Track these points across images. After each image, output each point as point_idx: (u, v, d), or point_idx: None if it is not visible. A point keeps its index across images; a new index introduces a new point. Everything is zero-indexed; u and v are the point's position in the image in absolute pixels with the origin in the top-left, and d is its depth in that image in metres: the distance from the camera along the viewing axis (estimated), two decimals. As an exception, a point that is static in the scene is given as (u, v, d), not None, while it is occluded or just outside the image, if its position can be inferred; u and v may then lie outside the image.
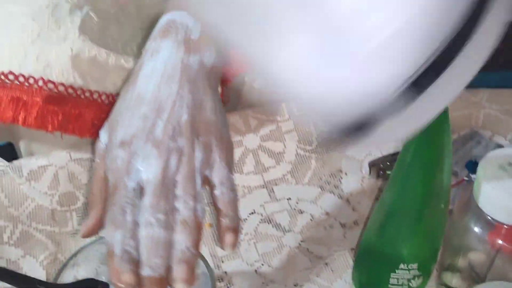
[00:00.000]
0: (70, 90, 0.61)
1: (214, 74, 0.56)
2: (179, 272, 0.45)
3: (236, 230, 0.49)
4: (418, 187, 0.49)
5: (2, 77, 0.59)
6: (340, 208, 0.65)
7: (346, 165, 0.68)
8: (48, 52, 0.60)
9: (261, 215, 0.64)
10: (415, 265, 0.52)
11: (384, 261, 0.54)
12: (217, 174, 0.50)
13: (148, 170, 0.48)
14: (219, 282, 0.59)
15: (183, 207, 0.47)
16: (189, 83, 0.52)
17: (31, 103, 0.59)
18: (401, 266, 0.52)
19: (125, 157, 0.49)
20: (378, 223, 0.54)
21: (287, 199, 0.65)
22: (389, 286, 0.54)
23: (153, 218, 0.46)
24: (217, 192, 0.50)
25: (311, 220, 0.64)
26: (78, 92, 0.61)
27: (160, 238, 0.46)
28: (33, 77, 0.59)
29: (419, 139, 0.47)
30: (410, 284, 0.53)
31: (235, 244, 0.49)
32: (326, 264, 0.60)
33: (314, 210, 0.65)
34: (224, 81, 0.65)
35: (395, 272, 0.53)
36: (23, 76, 0.60)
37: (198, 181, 0.49)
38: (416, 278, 0.53)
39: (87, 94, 0.62)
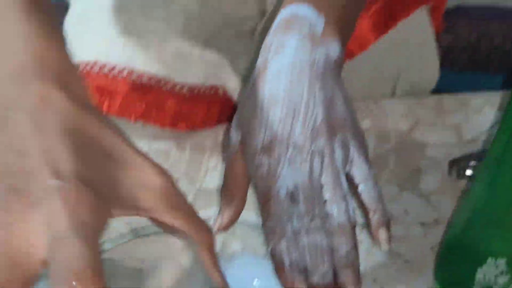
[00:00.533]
0: (153, 81, 0.62)
1: (339, 67, 0.54)
2: (345, 276, 0.46)
3: (388, 224, 0.49)
4: (510, 179, 0.48)
5: (89, 67, 0.61)
6: (420, 207, 0.64)
7: (425, 164, 0.67)
8: (134, 43, 0.61)
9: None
10: (503, 260, 0.51)
11: (470, 256, 0.52)
12: (359, 171, 0.50)
13: (295, 176, 0.48)
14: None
15: (336, 211, 0.48)
16: (318, 79, 0.50)
17: (116, 92, 0.61)
18: (489, 260, 0.51)
19: (270, 164, 0.49)
20: (465, 218, 0.52)
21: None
22: (475, 283, 0.52)
23: (311, 224, 0.47)
24: (362, 189, 0.50)
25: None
26: (161, 83, 0.62)
27: (322, 245, 0.47)
28: (118, 67, 0.61)
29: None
30: (497, 280, 0.52)
31: (390, 239, 0.49)
32: (406, 261, 0.59)
33: (392, 209, 0.63)
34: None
35: (481, 267, 0.51)
36: (109, 65, 0.61)
37: (344, 181, 0.49)
38: (504, 274, 0.51)
39: (170, 85, 0.63)
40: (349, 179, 0.51)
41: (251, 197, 0.57)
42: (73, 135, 0.36)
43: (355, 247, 0.48)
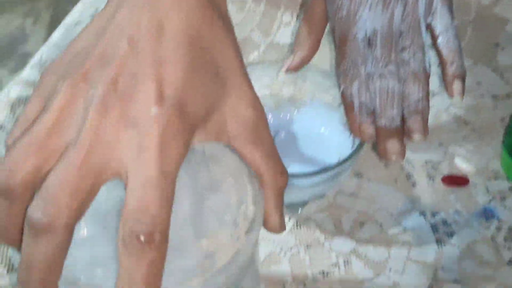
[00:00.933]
0: None
1: None
2: (414, 122, 0.46)
3: (463, 77, 0.49)
4: None
5: None
6: (493, 80, 0.62)
7: (504, 39, 0.65)
8: None
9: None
10: None
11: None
12: (441, 21, 0.49)
13: (375, 20, 0.48)
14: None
15: (412, 59, 0.47)
16: None
17: None
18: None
19: (350, 7, 0.48)
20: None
21: (437, 65, 0.63)
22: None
23: (385, 69, 0.47)
24: (441, 39, 0.49)
25: (461, 88, 0.62)
26: None
27: (393, 90, 0.47)
28: None
29: None
30: None
31: (463, 92, 0.48)
32: (474, 129, 0.59)
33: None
34: None
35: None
36: None
37: (423, 30, 0.48)
38: None
39: None
40: (430, 31, 0.50)
41: (324, 47, 0.56)
42: (191, 43, 0.33)
43: (426, 96, 0.47)
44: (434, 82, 0.61)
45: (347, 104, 0.48)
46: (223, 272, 0.33)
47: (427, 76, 0.48)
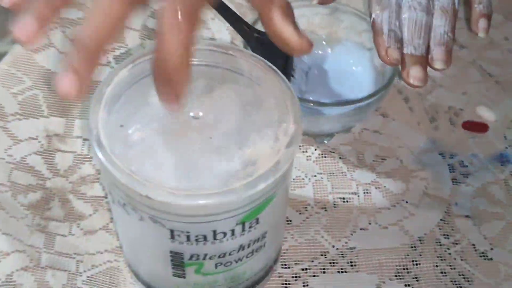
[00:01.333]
0: None
1: None
2: (437, 53, 0.49)
3: (489, 17, 0.51)
4: None
5: None
6: (521, 37, 0.65)
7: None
8: None
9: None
10: None
11: None
12: None
13: None
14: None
15: None
16: None
17: None
18: None
19: None
20: None
21: (465, 21, 0.66)
22: None
23: (415, 2, 0.49)
24: None
25: (489, 43, 0.64)
26: None
27: (421, 21, 0.49)
28: None
29: None
30: None
31: (487, 30, 0.51)
32: (498, 82, 0.61)
33: (493, 34, 0.65)
34: None
35: None
36: None
37: None
38: None
39: None
40: None
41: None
42: None
43: (452, 30, 0.50)
44: (463, 34, 0.64)
45: (376, 30, 0.51)
46: (262, 179, 0.36)
47: (455, 13, 0.50)
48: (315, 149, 0.55)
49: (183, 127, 0.39)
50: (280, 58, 0.48)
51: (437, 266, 0.49)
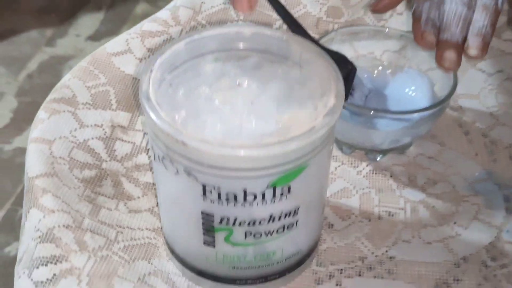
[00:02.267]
0: None
1: None
2: (474, 41, 0.50)
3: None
4: None
5: None
6: None
7: None
8: None
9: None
10: None
11: None
12: None
13: None
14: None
15: None
16: None
17: None
18: None
19: None
20: None
21: None
22: None
23: None
24: None
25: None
26: None
27: (461, 13, 0.51)
28: None
29: None
30: None
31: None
32: None
33: None
34: None
35: None
36: None
37: None
38: None
39: None
40: None
41: None
42: None
43: (492, 25, 0.50)
44: None
45: (415, 17, 0.52)
46: (295, 140, 0.37)
47: (497, 12, 0.51)
48: (367, 165, 0.55)
49: (228, 93, 0.41)
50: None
51: (480, 285, 0.47)
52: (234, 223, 0.40)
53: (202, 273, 0.45)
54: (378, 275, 0.48)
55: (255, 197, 0.39)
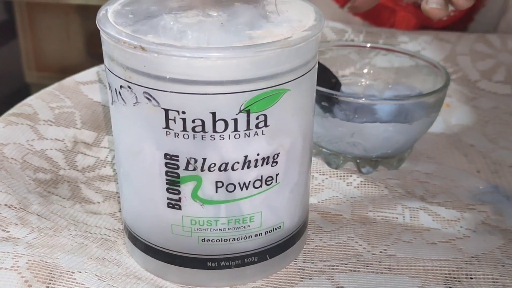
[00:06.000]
0: None
1: None
2: None
3: None
4: None
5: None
6: None
7: None
8: None
9: None
10: None
11: None
12: None
13: None
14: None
15: None
16: None
17: None
18: None
19: None
20: None
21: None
22: None
23: None
24: None
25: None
26: None
27: None
28: None
29: None
30: None
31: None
32: None
33: None
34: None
35: None
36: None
37: None
38: None
39: None
40: None
41: None
42: None
43: None
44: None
45: None
46: (267, 47, 0.32)
47: None
48: (357, 177, 0.50)
49: (195, 18, 0.36)
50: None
51: (496, 282, 0.39)
52: (202, 168, 0.34)
53: (167, 259, 0.37)
54: (376, 271, 0.40)
55: (226, 125, 0.33)
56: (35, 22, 1.82)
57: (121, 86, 0.34)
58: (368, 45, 0.55)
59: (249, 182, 0.35)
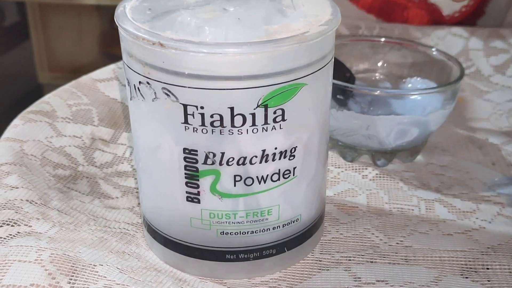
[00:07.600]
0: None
1: None
2: None
3: None
4: None
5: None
6: None
7: None
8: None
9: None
10: None
11: None
12: None
13: None
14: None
15: None
16: None
17: None
18: None
19: None
20: None
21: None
22: None
23: None
24: None
25: None
26: None
27: None
28: None
29: None
30: None
31: None
32: None
33: None
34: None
35: None
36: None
37: None
38: None
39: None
40: None
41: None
42: None
43: None
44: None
45: None
46: (285, 42, 0.32)
47: None
48: (373, 170, 0.50)
49: (212, 13, 0.36)
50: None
51: (513, 271, 0.40)
52: (221, 162, 0.35)
53: (186, 252, 0.38)
54: (393, 262, 0.40)
55: (244, 120, 0.33)
56: (47, 23, 1.83)
57: (140, 82, 0.35)
58: (382, 39, 0.56)
59: (267, 175, 0.35)
